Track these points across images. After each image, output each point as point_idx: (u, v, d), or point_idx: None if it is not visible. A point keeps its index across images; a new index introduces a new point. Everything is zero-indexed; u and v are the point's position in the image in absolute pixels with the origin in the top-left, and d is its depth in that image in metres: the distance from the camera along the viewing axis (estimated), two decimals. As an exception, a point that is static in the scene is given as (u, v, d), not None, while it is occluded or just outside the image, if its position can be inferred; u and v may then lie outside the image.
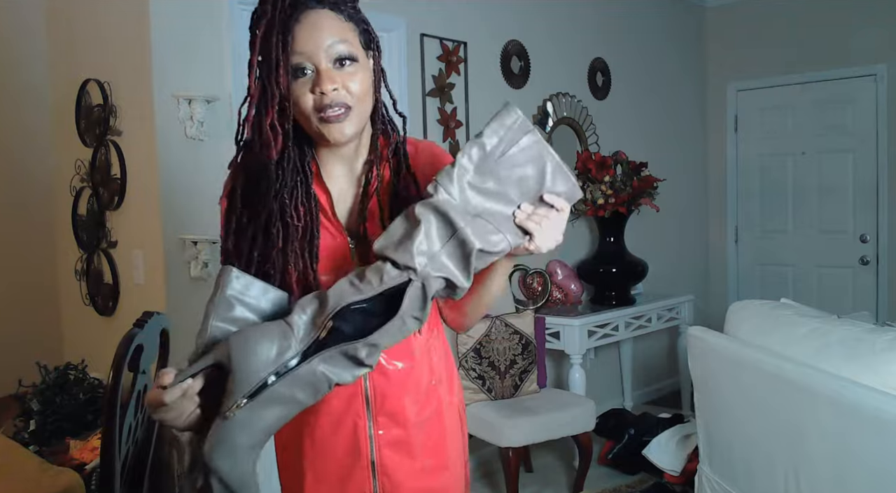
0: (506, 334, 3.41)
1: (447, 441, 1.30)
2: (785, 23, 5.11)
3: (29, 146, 3.17)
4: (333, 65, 1.11)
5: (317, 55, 1.10)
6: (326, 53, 1.10)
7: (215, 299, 1.06)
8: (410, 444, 1.25)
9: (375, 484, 1.23)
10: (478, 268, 1.06)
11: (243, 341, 1.01)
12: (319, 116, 1.11)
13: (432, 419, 1.28)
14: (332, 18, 1.12)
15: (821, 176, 5.06)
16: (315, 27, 1.10)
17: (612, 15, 4.68)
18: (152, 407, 1.04)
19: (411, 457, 1.25)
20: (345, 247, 1.20)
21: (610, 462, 3.69)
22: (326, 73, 1.10)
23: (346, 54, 1.12)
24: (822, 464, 2.01)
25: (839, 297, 4.92)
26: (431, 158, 1.27)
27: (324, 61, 1.10)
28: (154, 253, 2.71)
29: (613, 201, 3.97)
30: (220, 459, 0.99)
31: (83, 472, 2.09)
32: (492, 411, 3.20)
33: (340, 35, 1.12)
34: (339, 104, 1.11)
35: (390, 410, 1.23)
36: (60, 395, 2.39)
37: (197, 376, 1.04)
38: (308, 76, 1.11)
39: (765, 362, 2.19)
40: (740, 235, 5.49)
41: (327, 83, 1.10)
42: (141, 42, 2.65)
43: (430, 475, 1.27)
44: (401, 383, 1.24)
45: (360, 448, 1.23)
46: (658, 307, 4.24)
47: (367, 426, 1.23)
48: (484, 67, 3.89)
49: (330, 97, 1.10)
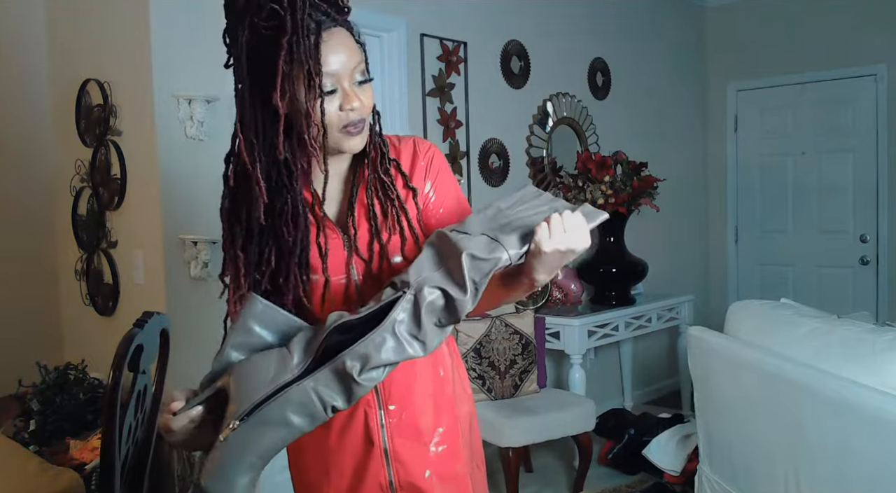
0: (506, 334, 3.41)
1: (459, 429, 1.33)
2: (785, 23, 5.11)
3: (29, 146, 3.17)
4: (356, 83, 1.17)
5: (344, 75, 1.15)
6: (352, 73, 1.16)
7: (236, 325, 1.10)
8: (421, 431, 1.27)
9: (390, 472, 1.26)
10: (480, 282, 1.04)
11: (244, 367, 1.03)
12: (344, 129, 1.18)
13: (443, 407, 1.31)
14: (349, 37, 1.17)
15: (821, 176, 5.06)
16: (341, 48, 1.15)
17: (612, 15, 4.68)
18: (162, 431, 1.09)
19: (424, 444, 1.27)
20: (337, 240, 1.25)
21: (610, 462, 3.69)
22: (352, 92, 1.16)
23: (365, 75, 1.19)
24: (822, 464, 2.01)
25: (839, 297, 4.92)
26: (412, 157, 1.32)
27: (348, 81, 1.16)
28: (154, 253, 2.71)
29: (613, 201, 3.97)
30: (214, 482, 0.99)
31: (83, 472, 2.09)
32: (492, 411, 3.20)
33: (360, 56, 1.18)
34: (361, 119, 1.19)
35: (399, 397, 1.26)
36: (60, 395, 2.39)
37: (205, 402, 1.06)
38: (334, 95, 1.15)
39: (765, 362, 2.19)
40: (740, 235, 5.49)
41: (355, 101, 1.16)
42: (141, 42, 2.65)
43: (444, 461, 1.29)
44: (409, 371, 1.26)
45: (373, 437, 1.25)
46: (658, 307, 4.24)
47: (378, 415, 1.26)
48: (484, 67, 3.89)
49: (357, 113, 1.17)
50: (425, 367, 1.29)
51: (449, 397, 1.32)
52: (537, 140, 4.20)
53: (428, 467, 1.27)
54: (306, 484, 1.33)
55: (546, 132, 4.25)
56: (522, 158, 4.13)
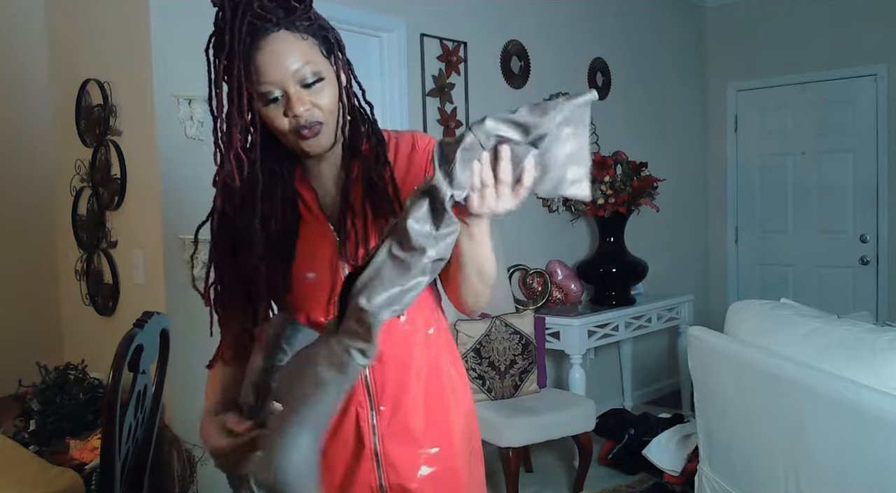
0: (506, 334, 3.41)
1: (453, 430, 1.30)
2: (785, 23, 5.11)
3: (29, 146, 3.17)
4: (301, 87, 1.14)
5: (284, 82, 1.12)
6: (293, 78, 1.13)
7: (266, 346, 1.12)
8: (413, 433, 1.25)
9: (380, 475, 1.24)
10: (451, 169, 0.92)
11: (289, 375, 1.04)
12: (296, 134, 1.15)
13: (437, 409, 1.28)
14: (292, 41, 1.13)
15: (821, 176, 5.06)
16: (278, 55, 1.12)
17: (612, 15, 4.68)
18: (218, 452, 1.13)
19: (416, 446, 1.25)
20: (331, 239, 1.24)
21: (610, 462, 3.69)
22: (296, 96, 1.13)
23: (312, 77, 1.14)
24: (822, 464, 2.01)
25: (839, 297, 4.92)
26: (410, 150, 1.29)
27: (291, 86, 1.13)
28: (154, 253, 2.71)
29: (613, 201, 3.97)
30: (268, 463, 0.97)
31: (83, 472, 2.09)
32: (492, 411, 3.20)
33: (304, 58, 1.13)
34: (313, 122, 1.15)
35: (392, 397, 1.24)
36: (60, 395, 2.39)
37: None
38: (279, 102, 1.14)
39: (765, 362, 2.19)
40: (740, 235, 5.49)
41: (298, 106, 1.13)
42: (141, 42, 2.65)
43: (437, 463, 1.27)
44: (402, 371, 1.25)
45: (364, 439, 1.24)
46: (658, 307, 4.24)
47: (370, 416, 1.24)
48: (484, 67, 3.89)
49: (304, 118, 1.14)
50: (420, 367, 1.27)
51: (444, 399, 1.30)
52: (537, 140, 4.20)
53: (419, 469, 1.25)
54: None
55: (546, 132, 4.24)
56: (522, 158, 4.13)
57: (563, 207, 4.33)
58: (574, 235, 4.42)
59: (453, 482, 1.29)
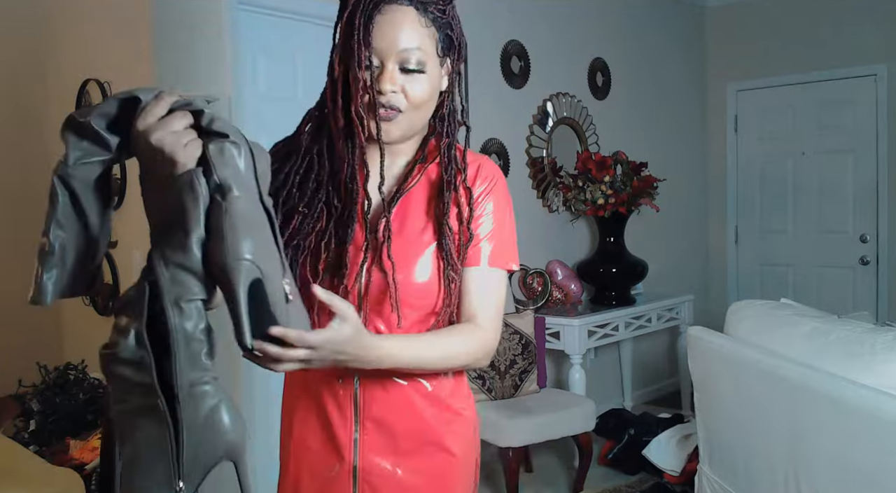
0: (506, 334, 3.41)
1: (437, 452, 1.23)
2: (785, 23, 5.11)
3: (29, 146, 3.17)
4: (400, 68, 1.11)
5: (387, 54, 1.10)
6: (397, 55, 1.10)
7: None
8: (397, 450, 1.20)
9: (356, 491, 1.19)
10: None
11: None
12: (372, 110, 1.11)
13: (422, 428, 1.22)
14: (414, 20, 1.11)
15: (821, 176, 5.06)
16: (393, 25, 1.09)
17: (612, 15, 4.68)
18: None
19: (396, 465, 1.20)
20: (360, 239, 1.18)
21: (610, 462, 3.69)
22: (390, 74, 1.10)
23: (415, 64, 1.11)
24: (822, 464, 2.01)
25: (839, 297, 4.92)
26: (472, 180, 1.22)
27: (391, 62, 1.10)
28: (154, 253, 2.71)
29: (613, 201, 3.97)
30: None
31: (83, 472, 2.09)
32: (492, 411, 3.20)
33: (417, 41, 1.11)
34: (393, 106, 1.12)
35: (378, 412, 1.19)
36: (60, 395, 2.39)
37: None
38: (372, 72, 1.10)
39: (765, 362, 2.19)
40: (740, 235, 5.49)
41: (387, 84, 1.10)
42: (141, 42, 2.65)
43: (416, 485, 1.21)
44: (390, 389, 1.20)
45: (343, 453, 1.20)
46: (658, 307, 4.23)
47: (353, 430, 1.19)
48: (484, 67, 3.89)
49: (387, 97, 1.11)
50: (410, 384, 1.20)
51: (433, 416, 1.22)
52: (537, 140, 4.20)
53: (399, 489, 1.20)
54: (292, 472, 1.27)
55: (546, 132, 4.25)
56: (522, 158, 4.13)
57: (563, 208, 4.34)
58: (574, 235, 4.42)
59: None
